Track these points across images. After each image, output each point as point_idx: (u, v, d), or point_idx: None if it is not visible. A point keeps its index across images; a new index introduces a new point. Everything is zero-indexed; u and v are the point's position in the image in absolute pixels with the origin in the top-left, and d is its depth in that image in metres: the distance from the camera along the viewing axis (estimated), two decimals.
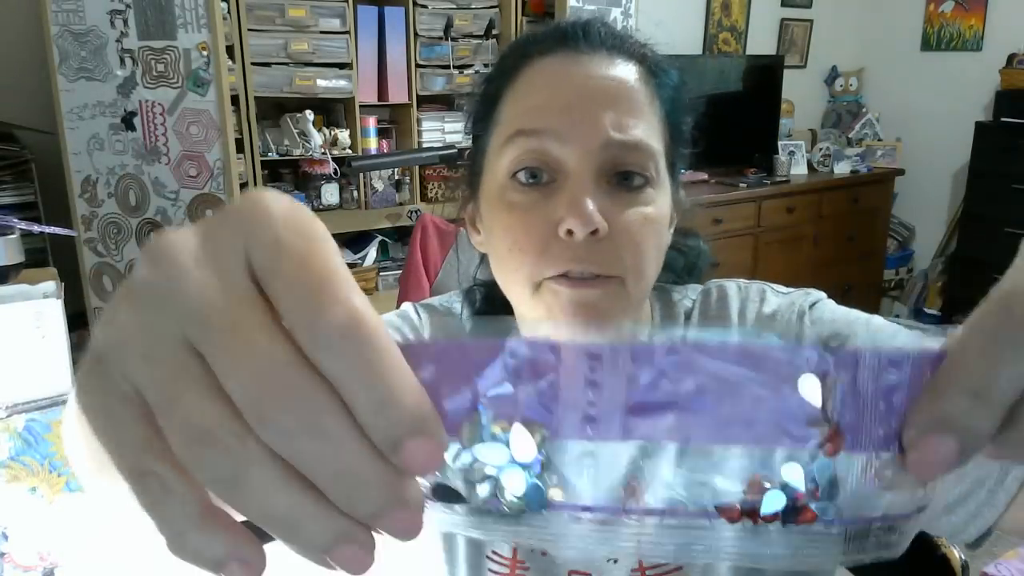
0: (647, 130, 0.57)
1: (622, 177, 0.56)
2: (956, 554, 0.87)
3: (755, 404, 0.21)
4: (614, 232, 0.55)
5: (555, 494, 0.23)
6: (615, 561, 0.66)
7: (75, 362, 0.99)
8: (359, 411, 0.21)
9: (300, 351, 0.21)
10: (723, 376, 0.22)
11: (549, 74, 0.59)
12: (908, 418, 0.21)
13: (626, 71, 0.59)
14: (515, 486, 0.23)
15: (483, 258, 0.70)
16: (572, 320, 0.56)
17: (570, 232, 0.54)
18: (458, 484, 0.24)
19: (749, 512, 0.23)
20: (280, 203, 0.22)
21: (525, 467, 0.23)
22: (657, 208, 0.59)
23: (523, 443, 0.23)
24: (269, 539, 0.22)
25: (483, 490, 0.23)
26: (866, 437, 0.21)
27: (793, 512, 0.22)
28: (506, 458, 0.23)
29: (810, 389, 0.21)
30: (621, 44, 0.60)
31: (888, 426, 0.21)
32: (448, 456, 0.23)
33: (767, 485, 0.22)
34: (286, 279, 0.21)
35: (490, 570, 0.71)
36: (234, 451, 0.21)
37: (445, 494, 0.24)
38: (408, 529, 0.22)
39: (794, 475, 0.22)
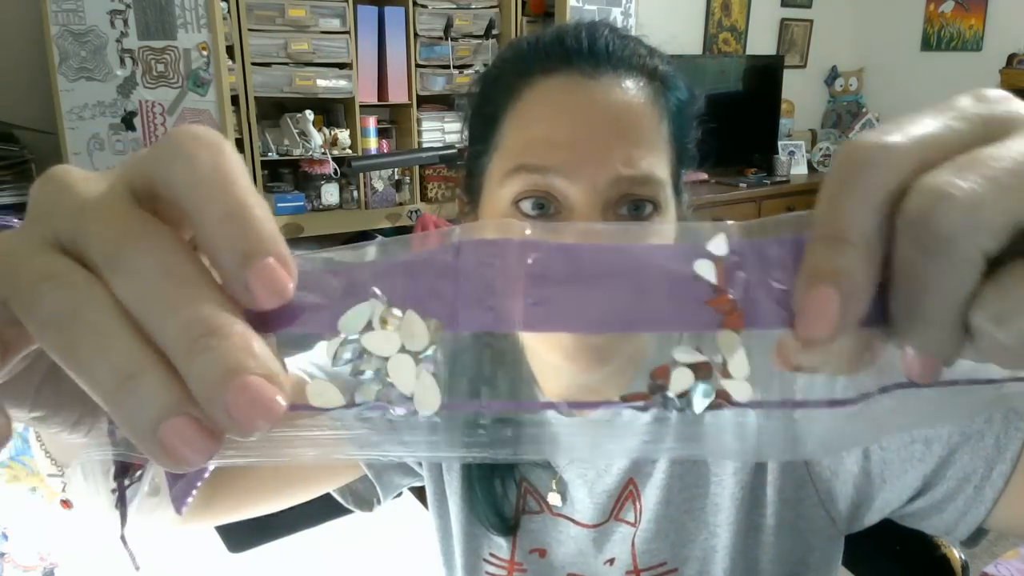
0: (656, 160, 0.55)
1: (631, 207, 0.55)
2: (956, 554, 0.87)
3: (654, 290, 0.22)
4: None
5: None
6: (611, 563, 0.66)
7: None
8: (206, 225, 0.20)
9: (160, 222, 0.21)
10: (622, 266, 0.22)
11: (553, 101, 0.56)
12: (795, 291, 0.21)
13: (634, 93, 0.56)
14: (404, 379, 0.21)
15: None
16: (576, 356, 0.55)
17: None
18: (334, 392, 0.22)
19: (660, 395, 0.22)
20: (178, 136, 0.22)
21: (416, 357, 0.21)
22: (663, 236, 0.58)
23: (416, 329, 0.21)
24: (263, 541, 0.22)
25: (369, 392, 0.21)
26: (763, 314, 0.21)
27: (704, 393, 0.22)
28: (396, 346, 0.21)
29: (705, 271, 0.22)
30: (629, 58, 0.57)
31: (783, 305, 0.21)
32: (329, 352, 0.22)
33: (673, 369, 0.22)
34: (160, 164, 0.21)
35: (487, 572, 0.71)
36: (77, 287, 0.20)
37: (322, 392, 0.22)
38: (256, 398, 0.19)
39: (693, 355, 0.22)
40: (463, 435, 0.24)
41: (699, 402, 0.22)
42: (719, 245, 0.22)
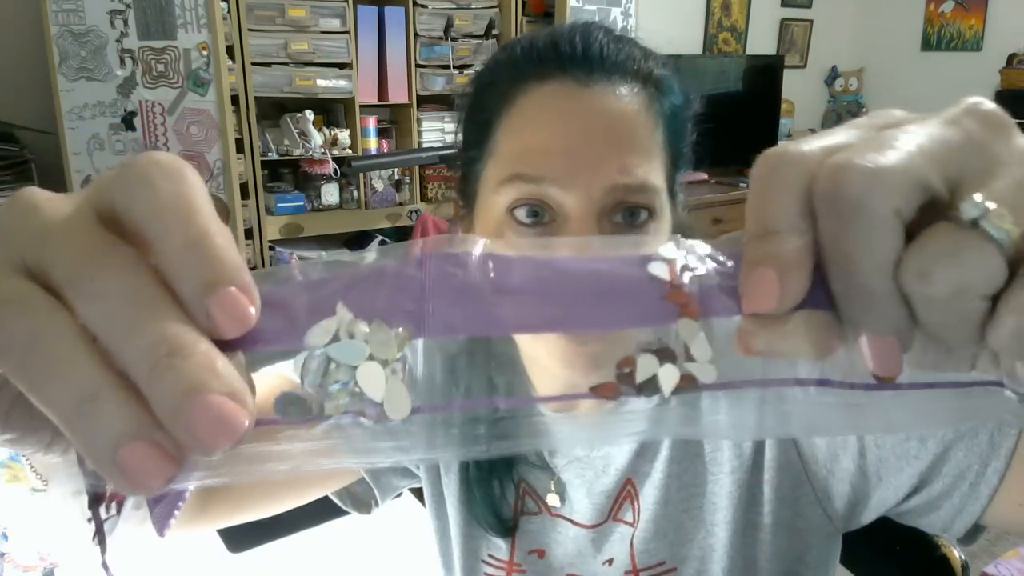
0: (651, 167, 0.55)
1: (626, 214, 0.54)
2: (956, 554, 0.87)
3: (616, 292, 0.23)
4: None
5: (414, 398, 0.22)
6: (609, 563, 0.66)
7: None
8: (168, 254, 0.20)
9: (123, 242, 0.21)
10: (584, 272, 0.23)
11: (547, 109, 0.55)
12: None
13: (629, 100, 0.55)
14: (373, 386, 0.21)
15: None
16: (573, 362, 0.54)
17: None
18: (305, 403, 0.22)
19: (628, 384, 0.23)
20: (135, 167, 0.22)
21: (384, 364, 0.22)
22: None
23: (384, 338, 0.22)
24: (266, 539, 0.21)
25: (339, 401, 0.21)
26: (717, 304, 0.23)
27: (670, 377, 0.23)
28: (364, 355, 0.22)
29: (660, 271, 0.23)
30: (623, 63, 0.56)
31: (732, 296, 0.23)
32: (296, 367, 0.22)
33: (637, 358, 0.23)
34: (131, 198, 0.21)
35: (486, 573, 0.71)
36: (38, 312, 0.20)
37: (290, 404, 0.22)
38: (218, 417, 0.19)
39: (656, 343, 0.23)
40: (439, 436, 0.24)
41: (666, 385, 0.23)
42: (669, 250, 0.24)
